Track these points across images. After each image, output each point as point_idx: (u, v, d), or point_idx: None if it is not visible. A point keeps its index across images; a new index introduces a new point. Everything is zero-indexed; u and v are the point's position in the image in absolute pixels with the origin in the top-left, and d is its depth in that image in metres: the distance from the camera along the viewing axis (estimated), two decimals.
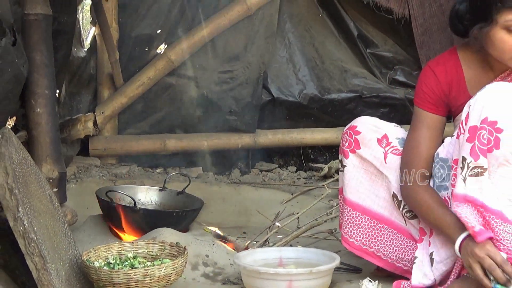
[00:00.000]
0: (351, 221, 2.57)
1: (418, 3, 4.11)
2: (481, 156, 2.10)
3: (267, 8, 4.16)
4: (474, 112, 2.13)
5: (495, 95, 2.12)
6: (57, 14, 2.83)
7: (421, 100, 2.43)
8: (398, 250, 2.53)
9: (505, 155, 2.09)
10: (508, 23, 2.16)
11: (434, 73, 2.41)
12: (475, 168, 2.11)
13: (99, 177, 3.96)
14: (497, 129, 2.09)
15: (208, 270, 2.72)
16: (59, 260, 2.29)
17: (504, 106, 2.10)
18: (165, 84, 4.22)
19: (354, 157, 2.53)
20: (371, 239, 2.56)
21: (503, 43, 2.19)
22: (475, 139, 2.10)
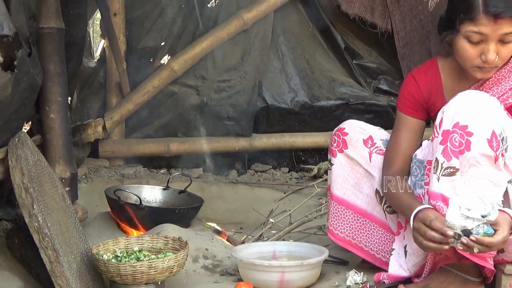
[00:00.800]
0: (336, 215, 2.58)
1: (400, 18, 4.12)
2: (453, 158, 2.10)
3: (262, 23, 4.16)
4: (447, 117, 2.14)
5: (466, 102, 2.13)
6: (69, 28, 2.82)
7: (403, 105, 2.45)
8: (378, 242, 2.53)
9: (475, 157, 2.10)
10: (468, 33, 2.16)
11: (416, 81, 2.42)
12: (448, 168, 2.11)
13: (108, 177, 3.94)
14: (467, 133, 2.09)
15: (207, 262, 2.71)
16: (71, 253, 2.29)
17: (474, 112, 2.11)
18: (168, 92, 4.22)
19: (342, 156, 2.54)
20: (354, 232, 2.56)
21: (464, 51, 2.20)
22: (447, 141, 2.11)
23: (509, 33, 2.14)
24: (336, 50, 4.29)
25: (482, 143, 2.08)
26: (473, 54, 2.19)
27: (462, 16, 2.17)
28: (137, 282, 2.27)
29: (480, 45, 2.17)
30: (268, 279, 2.41)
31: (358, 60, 4.31)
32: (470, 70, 2.25)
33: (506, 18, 2.11)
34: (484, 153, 2.09)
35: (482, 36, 2.15)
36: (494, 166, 2.11)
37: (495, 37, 2.14)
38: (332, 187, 2.57)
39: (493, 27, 2.13)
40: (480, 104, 2.12)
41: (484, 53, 2.17)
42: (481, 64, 2.20)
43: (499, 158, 2.11)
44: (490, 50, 2.15)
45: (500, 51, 2.17)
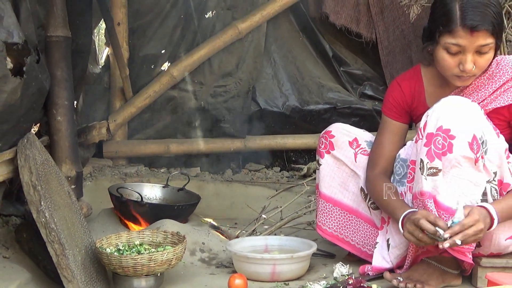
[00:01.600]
0: (324, 211, 2.57)
1: (383, 28, 4.12)
2: (436, 159, 2.10)
3: (255, 33, 4.14)
4: (430, 121, 2.13)
5: (449, 107, 2.13)
6: (75, 36, 2.81)
7: (387, 109, 2.44)
8: (363, 236, 2.53)
9: (457, 158, 2.09)
10: (447, 45, 2.16)
11: (400, 87, 2.42)
12: (430, 168, 2.11)
13: (111, 176, 3.92)
14: (450, 136, 2.09)
15: (204, 255, 2.70)
16: (76, 247, 2.27)
17: (457, 116, 2.10)
18: (168, 96, 4.20)
19: (329, 157, 2.53)
20: (341, 227, 2.56)
21: (443, 61, 2.20)
22: (431, 144, 2.10)
23: (485, 44, 2.14)
24: (324, 58, 4.29)
25: (463, 146, 2.08)
26: (452, 64, 2.19)
27: (441, 29, 2.17)
28: (138, 274, 2.25)
29: (458, 55, 2.17)
30: (260, 271, 2.40)
31: (345, 67, 4.31)
32: (450, 78, 2.25)
33: (482, 31, 2.11)
34: (465, 155, 2.08)
35: (459, 47, 2.15)
36: (474, 167, 2.11)
37: (472, 48, 2.14)
38: (320, 186, 2.57)
39: (469, 39, 2.12)
40: (462, 109, 2.12)
41: (462, 63, 2.17)
42: (459, 73, 2.19)
43: (479, 160, 2.10)
44: (468, 60, 2.15)
45: (477, 61, 2.16)
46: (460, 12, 2.12)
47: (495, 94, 2.25)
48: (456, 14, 2.13)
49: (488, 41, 2.14)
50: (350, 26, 4.12)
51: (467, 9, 2.12)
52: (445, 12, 2.16)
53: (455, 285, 2.28)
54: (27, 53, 2.21)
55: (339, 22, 4.10)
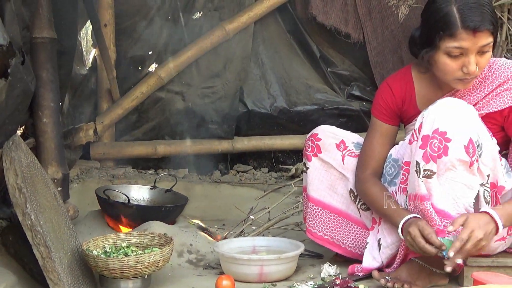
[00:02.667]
0: (314, 215, 2.57)
1: (372, 29, 4.13)
2: (431, 161, 2.10)
3: (243, 34, 4.14)
4: (426, 123, 2.12)
5: (445, 109, 2.12)
6: (61, 38, 2.79)
7: (377, 111, 2.43)
8: (354, 238, 2.53)
9: (452, 161, 2.09)
10: (448, 49, 2.14)
11: (391, 89, 2.40)
12: (425, 171, 2.11)
13: (99, 177, 3.90)
14: (446, 139, 2.08)
15: (191, 257, 2.69)
16: (62, 250, 2.26)
17: (453, 119, 2.10)
18: (156, 98, 4.19)
19: (316, 160, 2.53)
20: (331, 230, 2.56)
21: (445, 66, 2.18)
22: (427, 146, 2.10)
23: (486, 44, 2.13)
24: (312, 59, 4.29)
25: (459, 149, 2.08)
26: (455, 67, 2.16)
27: (441, 33, 2.13)
28: (125, 275, 2.25)
29: (460, 58, 2.15)
30: (248, 272, 2.41)
31: (332, 68, 4.31)
32: (452, 83, 2.22)
33: (484, 31, 2.10)
34: (461, 158, 2.09)
35: (462, 50, 2.13)
36: (469, 170, 2.11)
37: (475, 50, 2.13)
38: (309, 189, 2.56)
39: (472, 40, 2.11)
40: (458, 112, 2.12)
41: (465, 66, 2.14)
42: (462, 76, 2.17)
43: (474, 163, 2.11)
44: (471, 62, 2.13)
45: (479, 62, 2.15)
46: (459, 15, 2.11)
47: (487, 98, 2.24)
48: (455, 17, 2.11)
49: (489, 40, 2.13)
50: (338, 26, 4.12)
51: (466, 10, 2.10)
52: (442, 16, 2.13)
53: (441, 284, 2.29)
54: (11, 55, 2.20)
55: (327, 23, 4.10)
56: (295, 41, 4.28)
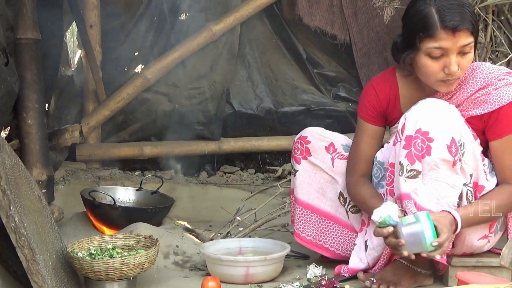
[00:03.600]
0: (302, 218, 2.56)
1: (357, 30, 4.14)
2: (416, 161, 2.11)
3: (229, 35, 4.14)
4: (409, 123, 2.13)
5: (427, 109, 2.13)
6: (46, 38, 2.78)
7: (363, 113, 2.42)
8: (342, 242, 2.53)
9: (435, 161, 2.10)
10: (429, 50, 2.14)
11: (375, 90, 2.40)
12: (411, 171, 2.12)
13: (85, 179, 3.88)
14: (429, 139, 2.09)
15: (178, 258, 2.69)
16: (47, 252, 2.24)
17: (435, 119, 2.11)
18: (142, 99, 4.17)
19: (306, 163, 2.52)
20: (320, 233, 2.55)
21: (427, 67, 2.18)
22: (411, 146, 2.10)
23: (467, 44, 2.13)
24: (298, 60, 4.30)
25: (442, 149, 2.09)
26: (436, 68, 2.16)
27: (421, 35, 2.14)
28: (110, 278, 2.24)
29: (441, 59, 2.15)
30: (234, 273, 2.40)
31: (319, 69, 4.32)
32: (434, 85, 2.22)
33: (463, 30, 2.11)
34: (444, 158, 2.10)
35: (442, 50, 2.13)
36: (452, 170, 2.12)
37: (455, 49, 2.13)
38: (297, 192, 2.55)
39: (452, 40, 2.11)
40: (441, 112, 2.13)
41: (446, 66, 2.14)
42: (445, 77, 2.17)
43: (457, 162, 2.12)
44: (452, 62, 2.13)
45: (460, 62, 2.15)
46: (438, 15, 2.11)
47: (468, 101, 2.24)
48: (434, 18, 2.12)
49: (469, 40, 2.13)
50: (324, 28, 4.13)
51: (444, 11, 2.11)
52: (422, 18, 2.14)
53: (426, 284, 2.30)
54: None
55: (313, 24, 4.11)
56: (281, 42, 4.29)
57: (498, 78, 2.22)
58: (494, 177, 2.26)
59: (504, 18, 3.51)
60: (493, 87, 2.21)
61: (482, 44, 3.50)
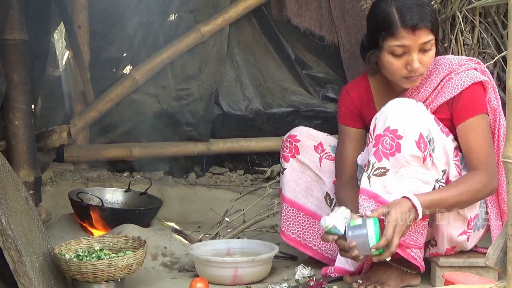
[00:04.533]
0: (288, 216, 2.57)
1: (345, 32, 4.15)
2: (384, 158, 2.13)
3: (218, 36, 4.14)
4: (379, 123, 2.18)
5: (395, 108, 2.17)
6: (33, 39, 2.77)
7: (341, 117, 2.48)
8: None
9: (405, 158, 2.13)
10: (391, 48, 2.20)
11: (349, 95, 2.47)
12: (378, 169, 2.14)
13: (73, 180, 3.87)
14: (398, 136, 2.13)
15: (166, 260, 2.68)
16: (34, 254, 2.23)
17: (403, 117, 2.15)
18: (130, 100, 4.16)
19: (294, 161, 2.54)
20: (305, 232, 2.57)
21: (390, 65, 2.24)
22: (379, 144, 2.14)
23: (427, 41, 2.19)
24: (287, 61, 4.30)
25: (411, 145, 2.12)
26: (399, 66, 2.22)
27: (383, 34, 2.21)
28: (97, 279, 2.23)
29: (403, 56, 2.21)
30: (222, 274, 2.40)
31: (307, 70, 4.33)
32: (399, 81, 2.28)
33: (423, 28, 2.17)
34: (413, 154, 2.13)
35: (404, 48, 2.19)
36: (423, 166, 2.15)
37: (416, 47, 2.19)
38: (284, 190, 2.57)
39: (412, 38, 2.17)
40: (408, 110, 2.17)
41: (409, 63, 2.21)
42: (408, 74, 2.23)
43: (427, 158, 2.15)
44: (414, 59, 2.19)
45: (422, 59, 2.21)
46: (398, 14, 2.18)
47: (435, 92, 2.29)
48: (395, 17, 2.18)
49: (429, 37, 2.19)
50: (313, 29, 4.14)
51: (404, 10, 2.18)
52: (383, 17, 2.21)
53: (414, 284, 2.31)
54: None
55: (302, 25, 4.12)
56: (270, 43, 4.29)
57: (459, 64, 2.29)
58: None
59: (491, 20, 3.53)
60: (455, 72, 2.27)
61: (469, 45, 3.51)
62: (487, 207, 2.31)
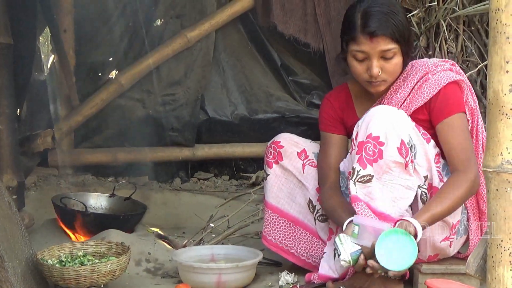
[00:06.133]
0: (271, 222, 2.58)
1: (331, 39, 4.17)
2: (368, 165, 2.15)
3: (204, 41, 4.14)
4: (361, 130, 2.20)
5: (377, 115, 2.19)
6: (18, 43, 2.75)
7: (323, 124, 2.50)
8: (308, 248, 2.55)
9: (387, 164, 2.15)
10: (353, 52, 2.25)
11: (330, 102, 2.50)
12: (364, 176, 2.15)
13: (57, 185, 3.84)
14: (380, 143, 2.15)
15: (150, 265, 2.67)
16: (16, 259, 2.21)
17: (384, 124, 2.17)
18: (116, 104, 4.15)
19: (277, 167, 2.55)
20: (287, 238, 2.57)
21: (353, 68, 2.29)
22: (362, 151, 2.15)
23: (387, 50, 2.22)
24: (273, 67, 4.32)
25: (392, 151, 2.14)
26: (361, 70, 2.27)
27: (346, 38, 2.26)
28: (80, 285, 2.21)
29: (365, 62, 2.25)
30: (206, 280, 2.40)
31: (293, 76, 4.35)
32: (364, 85, 2.33)
33: (381, 36, 2.20)
34: (395, 160, 2.15)
35: (364, 53, 2.23)
36: (405, 172, 2.17)
37: (375, 54, 2.22)
38: (267, 196, 2.58)
39: (370, 45, 2.21)
40: (390, 117, 2.19)
41: (369, 69, 2.25)
42: (369, 79, 2.27)
43: (409, 164, 2.17)
44: (373, 65, 2.23)
45: (384, 66, 2.24)
46: (360, 21, 2.22)
47: (412, 93, 2.31)
48: (357, 23, 2.23)
49: (389, 46, 2.22)
50: (298, 36, 4.15)
51: (367, 17, 2.22)
52: (349, 21, 2.26)
53: None
54: None
55: (287, 32, 4.13)
56: (256, 49, 4.30)
57: (435, 65, 2.32)
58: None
59: (474, 29, 3.57)
60: (431, 73, 2.30)
61: (453, 54, 3.55)
62: (467, 209, 2.33)
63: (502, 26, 1.35)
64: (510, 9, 1.34)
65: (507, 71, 1.35)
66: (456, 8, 3.45)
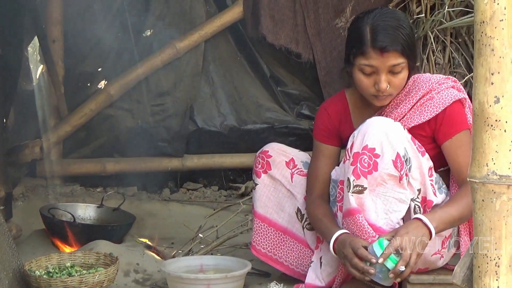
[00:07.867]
0: (259, 231, 2.59)
1: (321, 50, 4.20)
2: (362, 177, 2.15)
3: (193, 52, 4.15)
4: (357, 141, 2.19)
5: (373, 127, 2.19)
6: (6, 53, 2.75)
7: (318, 134, 2.50)
8: (296, 257, 2.56)
9: (382, 176, 2.16)
10: (361, 66, 2.25)
11: (327, 112, 2.49)
12: (356, 186, 2.16)
13: (45, 195, 3.83)
14: (375, 155, 2.15)
15: (138, 276, 2.66)
16: (3, 270, 2.20)
17: (381, 136, 2.17)
18: (105, 115, 4.15)
19: (266, 176, 2.56)
20: (275, 248, 2.58)
21: (360, 82, 2.28)
22: (357, 162, 2.16)
23: (396, 64, 2.22)
24: (262, 78, 4.33)
25: (388, 164, 2.14)
26: (368, 84, 2.26)
27: (354, 51, 2.25)
28: None
29: (372, 76, 2.25)
30: None
31: (282, 87, 4.36)
32: (368, 98, 2.32)
33: (392, 51, 2.20)
34: (390, 173, 2.15)
35: (372, 68, 2.23)
36: (399, 185, 2.18)
37: (384, 68, 2.22)
38: (256, 206, 2.58)
39: (381, 60, 2.21)
40: (386, 129, 2.19)
41: (376, 83, 2.24)
42: (376, 93, 2.27)
43: (403, 177, 2.17)
44: (381, 80, 2.23)
45: (391, 80, 2.25)
46: (370, 35, 2.22)
47: (413, 109, 2.31)
48: (367, 37, 2.22)
49: (399, 61, 2.22)
50: (289, 46, 4.17)
51: (377, 32, 2.21)
52: (357, 35, 2.25)
53: None
54: None
55: (278, 43, 4.15)
56: (245, 60, 4.32)
57: (438, 83, 2.32)
58: (443, 194, 2.31)
59: (461, 41, 3.61)
60: (435, 91, 2.30)
61: (440, 65, 3.59)
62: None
63: (487, 39, 1.37)
64: (494, 22, 1.36)
65: (492, 83, 1.37)
66: (443, 20, 3.50)
